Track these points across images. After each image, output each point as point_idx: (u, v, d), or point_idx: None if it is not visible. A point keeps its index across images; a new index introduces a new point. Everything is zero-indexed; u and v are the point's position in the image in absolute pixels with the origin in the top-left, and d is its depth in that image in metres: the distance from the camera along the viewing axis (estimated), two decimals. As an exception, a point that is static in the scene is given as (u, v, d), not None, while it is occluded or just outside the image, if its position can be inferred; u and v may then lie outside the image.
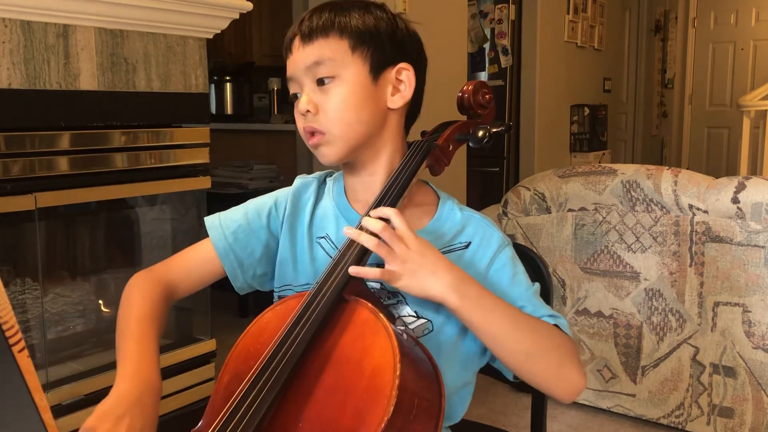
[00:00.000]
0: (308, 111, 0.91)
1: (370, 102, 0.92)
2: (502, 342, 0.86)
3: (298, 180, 1.03)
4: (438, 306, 0.89)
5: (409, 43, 0.96)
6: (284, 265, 0.98)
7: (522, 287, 0.93)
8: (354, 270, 0.83)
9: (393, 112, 0.95)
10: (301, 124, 0.93)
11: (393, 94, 0.94)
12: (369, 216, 0.86)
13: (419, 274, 0.83)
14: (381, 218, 0.85)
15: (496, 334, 0.85)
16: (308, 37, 0.90)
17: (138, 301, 0.92)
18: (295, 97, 0.94)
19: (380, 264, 0.85)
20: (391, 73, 0.93)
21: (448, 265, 0.85)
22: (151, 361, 0.84)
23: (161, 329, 0.92)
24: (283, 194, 1.02)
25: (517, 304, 0.91)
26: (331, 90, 0.90)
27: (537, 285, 0.96)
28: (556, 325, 0.90)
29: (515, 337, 0.85)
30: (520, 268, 0.96)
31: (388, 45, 0.92)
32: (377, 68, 0.92)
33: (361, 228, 0.86)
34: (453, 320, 0.90)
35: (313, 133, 0.92)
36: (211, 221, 1.00)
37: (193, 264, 0.99)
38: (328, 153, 0.93)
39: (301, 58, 0.91)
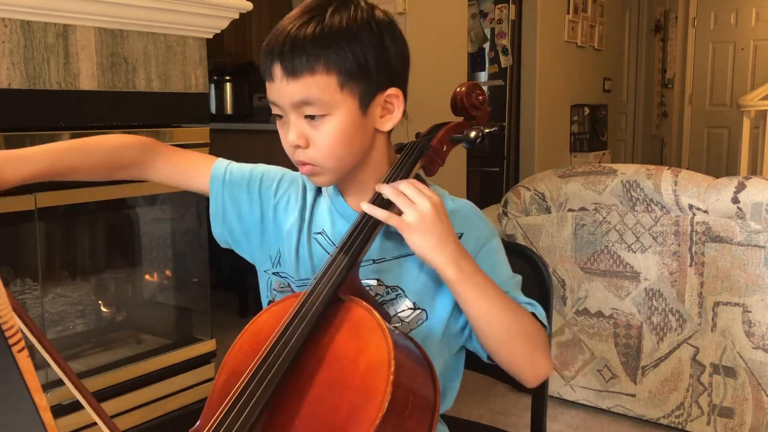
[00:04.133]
0: (298, 146, 0.89)
1: (361, 132, 0.90)
2: (488, 319, 0.88)
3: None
4: (435, 295, 0.92)
5: (395, 60, 0.91)
6: (287, 256, 0.98)
7: (503, 276, 0.95)
8: (367, 207, 0.85)
9: (381, 132, 0.94)
10: (291, 154, 0.92)
11: (382, 116, 0.92)
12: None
13: (430, 234, 0.84)
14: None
15: (483, 310, 0.87)
16: (292, 71, 0.85)
17: (103, 139, 0.98)
18: (279, 117, 0.92)
19: (376, 260, 0.85)
20: (381, 99, 0.91)
21: (455, 238, 0.87)
22: (23, 167, 0.88)
23: (90, 171, 0.97)
24: (291, 176, 1.04)
25: None
26: (321, 126, 0.88)
27: (519, 277, 0.98)
28: (533, 314, 0.93)
29: (501, 315, 0.88)
30: (504, 260, 0.97)
31: (375, 74, 0.88)
32: (367, 100, 0.89)
33: (378, 195, 0.88)
34: (445, 307, 0.92)
35: (304, 163, 0.91)
36: (221, 161, 1.03)
37: (188, 167, 1.02)
38: (320, 181, 0.94)
39: (287, 93, 0.87)
